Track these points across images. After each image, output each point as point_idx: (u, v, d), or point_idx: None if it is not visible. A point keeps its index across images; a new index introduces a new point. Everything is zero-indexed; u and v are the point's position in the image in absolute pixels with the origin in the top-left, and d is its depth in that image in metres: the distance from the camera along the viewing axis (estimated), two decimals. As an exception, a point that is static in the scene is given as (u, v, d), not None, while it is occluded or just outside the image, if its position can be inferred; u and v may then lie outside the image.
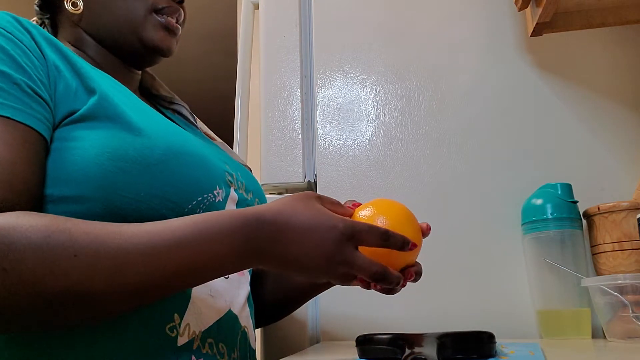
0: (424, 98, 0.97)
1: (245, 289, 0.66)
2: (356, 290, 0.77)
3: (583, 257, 0.80)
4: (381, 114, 0.97)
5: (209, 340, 0.56)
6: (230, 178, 0.63)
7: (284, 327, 0.90)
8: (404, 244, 0.51)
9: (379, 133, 0.96)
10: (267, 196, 0.96)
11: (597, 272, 0.81)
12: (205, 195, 0.57)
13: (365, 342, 0.54)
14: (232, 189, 0.63)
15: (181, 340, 0.53)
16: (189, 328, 0.54)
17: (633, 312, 0.65)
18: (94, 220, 0.47)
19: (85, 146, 0.51)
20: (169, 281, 0.46)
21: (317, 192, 0.95)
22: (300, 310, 0.90)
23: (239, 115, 1.10)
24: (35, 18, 0.70)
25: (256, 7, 1.14)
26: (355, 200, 0.60)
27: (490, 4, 0.98)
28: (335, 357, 0.59)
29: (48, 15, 0.70)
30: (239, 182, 0.66)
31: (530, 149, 0.91)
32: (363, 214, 0.55)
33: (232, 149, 1.05)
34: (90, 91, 0.54)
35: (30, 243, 0.41)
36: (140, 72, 0.73)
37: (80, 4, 0.65)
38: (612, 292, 0.67)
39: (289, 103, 1.00)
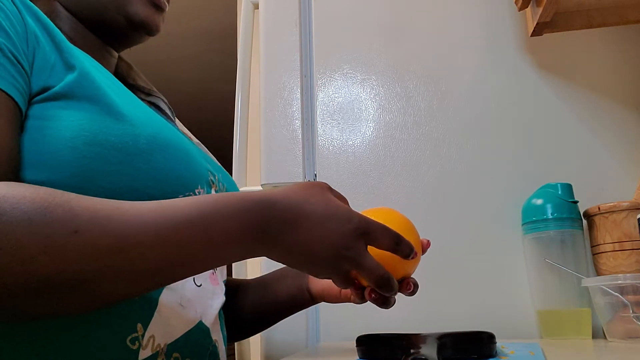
0: (424, 98, 0.97)
1: (219, 299, 0.61)
2: (356, 290, 0.77)
3: (583, 257, 0.80)
4: (381, 114, 0.97)
5: (175, 354, 0.51)
6: (212, 178, 0.60)
7: (284, 327, 0.90)
8: (411, 252, 0.50)
9: (379, 133, 0.96)
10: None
11: (598, 272, 0.81)
12: (187, 193, 0.53)
13: (365, 342, 0.54)
14: (213, 190, 0.59)
15: (143, 354, 0.47)
16: (154, 340, 0.48)
17: (633, 312, 0.65)
18: None
19: (59, 127, 0.46)
20: (174, 265, 0.42)
21: (317, 192, 0.95)
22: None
23: (239, 115, 1.10)
24: None
25: (256, 7, 1.14)
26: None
27: (490, 4, 0.98)
28: (335, 357, 0.59)
29: None
30: (220, 184, 0.62)
31: (530, 149, 0.91)
32: None
33: (232, 149, 1.06)
34: (70, 67, 0.49)
35: (22, 215, 0.36)
36: (117, 55, 0.68)
37: None
38: (613, 292, 0.67)
39: (289, 103, 1.00)
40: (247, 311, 0.73)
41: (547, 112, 0.92)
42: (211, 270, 0.59)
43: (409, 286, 0.53)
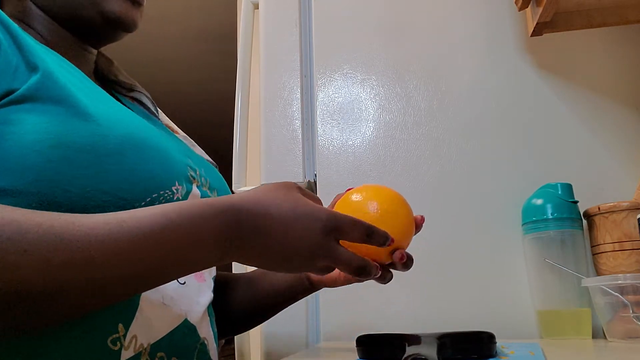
0: (424, 98, 0.97)
1: (207, 296, 0.60)
2: (356, 290, 0.77)
3: (583, 257, 0.80)
4: (381, 114, 0.97)
5: (160, 354, 0.50)
6: (192, 173, 0.58)
7: (284, 327, 0.90)
8: (386, 240, 0.50)
9: (379, 133, 0.96)
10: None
11: (598, 272, 0.81)
12: (161, 192, 0.51)
13: (365, 342, 0.54)
14: (194, 185, 0.57)
15: (125, 355, 0.47)
16: (136, 340, 0.48)
17: (633, 312, 0.65)
18: None
19: (22, 131, 0.44)
20: (134, 277, 0.40)
21: (317, 192, 0.95)
22: (300, 310, 0.90)
23: (238, 115, 1.10)
24: None
25: (256, 7, 1.14)
26: (352, 188, 0.59)
27: (490, 4, 0.98)
28: (335, 357, 0.59)
29: None
30: (203, 179, 0.60)
31: (530, 149, 0.91)
32: (354, 198, 0.54)
33: (232, 149, 1.05)
34: (33, 68, 0.47)
35: None
36: (95, 52, 0.66)
37: None
38: (613, 292, 0.67)
39: (289, 103, 1.00)
40: (239, 306, 0.72)
41: (547, 112, 0.92)
42: None
43: (402, 256, 0.52)
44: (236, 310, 0.72)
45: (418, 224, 0.57)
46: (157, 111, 0.69)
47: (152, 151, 0.51)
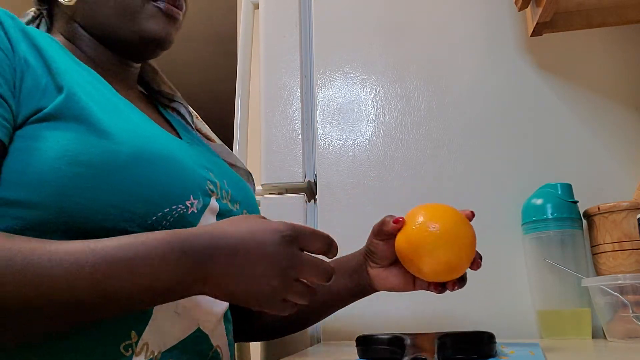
0: (424, 98, 0.97)
1: (222, 305, 0.60)
2: (356, 290, 0.77)
3: (583, 257, 0.80)
4: (381, 114, 0.97)
5: None
6: (212, 187, 0.59)
7: (284, 327, 0.90)
8: (336, 252, 0.52)
9: (379, 133, 0.96)
10: (267, 196, 0.97)
11: (598, 272, 0.81)
12: (174, 207, 0.52)
13: (365, 342, 0.54)
14: (212, 199, 0.58)
15: None
16: (147, 347, 0.49)
17: (633, 312, 0.65)
18: (47, 229, 0.46)
19: (45, 148, 0.47)
20: (100, 303, 0.43)
21: (317, 192, 0.95)
22: (300, 310, 0.89)
23: (239, 115, 1.10)
24: (33, 9, 0.66)
25: (256, 7, 1.14)
26: (394, 216, 0.60)
27: (490, 4, 0.98)
28: (335, 357, 0.59)
29: (46, 7, 0.65)
30: (224, 191, 0.61)
31: (530, 149, 0.91)
32: (419, 221, 0.57)
33: (232, 149, 1.05)
34: (59, 89, 0.51)
35: None
36: (138, 66, 0.70)
37: None
38: (613, 292, 0.67)
39: (289, 103, 1.00)
40: (268, 317, 0.73)
41: (547, 112, 0.92)
42: None
43: (454, 288, 0.61)
44: (267, 321, 0.73)
45: (470, 218, 0.61)
46: (192, 121, 0.72)
47: (165, 165, 0.52)
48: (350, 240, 0.91)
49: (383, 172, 0.94)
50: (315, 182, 0.97)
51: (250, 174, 0.79)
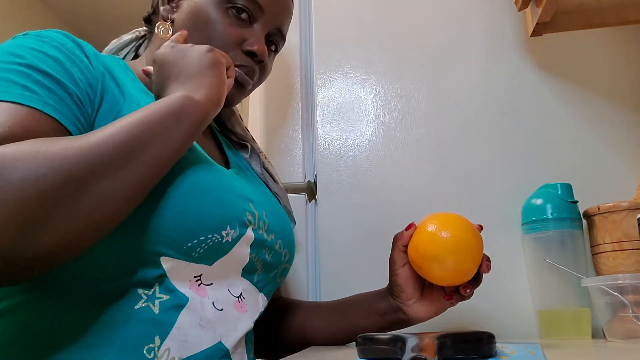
0: (424, 98, 0.97)
1: (246, 324, 0.62)
2: (356, 290, 0.77)
3: (583, 257, 0.80)
4: (381, 114, 0.97)
5: None
6: (250, 217, 0.62)
7: (284, 327, 0.90)
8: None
9: (379, 133, 0.96)
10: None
11: (597, 272, 0.81)
12: (209, 236, 0.56)
13: (365, 342, 0.54)
14: (249, 229, 0.61)
15: None
16: (169, 353, 0.53)
17: (633, 312, 0.65)
18: (96, 254, 0.49)
19: None
20: (122, 159, 0.46)
21: (317, 192, 0.95)
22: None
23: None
24: (139, 29, 0.73)
25: (256, 7, 1.14)
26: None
27: (490, 4, 0.98)
28: (335, 357, 0.59)
29: (148, 30, 0.72)
30: (261, 222, 0.64)
31: (530, 149, 0.91)
32: (430, 229, 0.63)
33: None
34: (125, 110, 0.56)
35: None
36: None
37: (170, 32, 0.67)
38: (612, 292, 0.67)
39: (289, 103, 1.00)
40: (317, 333, 0.75)
41: (547, 112, 0.92)
42: (236, 298, 0.62)
43: (466, 290, 0.66)
44: (308, 337, 0.75)
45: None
46: (258, 160, 0.78)
47: (204, 196, 0.56)
48: (351, 241, 0.92)
49: (383, 172, 0.94)
50: (315, 182, 0.97)
51: (294, 220, 0.83)
